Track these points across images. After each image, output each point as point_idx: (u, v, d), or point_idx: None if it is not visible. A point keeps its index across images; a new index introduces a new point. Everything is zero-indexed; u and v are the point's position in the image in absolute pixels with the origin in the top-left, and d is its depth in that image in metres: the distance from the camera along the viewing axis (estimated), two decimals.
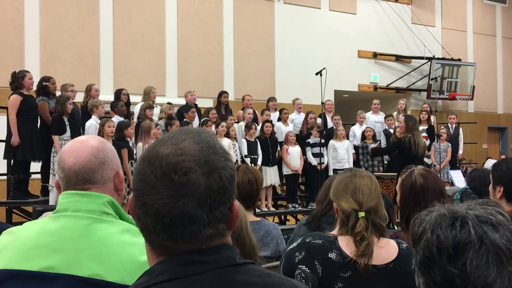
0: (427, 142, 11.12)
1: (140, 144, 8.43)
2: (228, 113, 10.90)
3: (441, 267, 1.14)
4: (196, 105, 10.77)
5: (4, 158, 8.47)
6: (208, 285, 1.07)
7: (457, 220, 1.16)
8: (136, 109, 9.91)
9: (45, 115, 8.52)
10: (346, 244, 2.23)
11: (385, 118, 11.87)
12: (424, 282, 1.19)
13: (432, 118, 12.50)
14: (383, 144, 11.38)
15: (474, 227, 1.13)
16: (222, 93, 11.36)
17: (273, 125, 10.47)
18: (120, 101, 9.57)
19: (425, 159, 10.34)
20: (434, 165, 11.28)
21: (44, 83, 8.72)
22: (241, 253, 1.17)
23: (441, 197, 2.65)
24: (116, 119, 8.94)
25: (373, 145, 10.94)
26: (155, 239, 1.10)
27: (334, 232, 2.33)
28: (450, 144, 11.84)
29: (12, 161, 8.46)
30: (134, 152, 8.77)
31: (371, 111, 12.26)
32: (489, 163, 12.51)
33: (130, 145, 8.66)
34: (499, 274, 1.10)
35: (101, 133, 7.91)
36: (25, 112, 8.18)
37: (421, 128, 11.06)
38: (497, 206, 1.18)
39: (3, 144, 8.52)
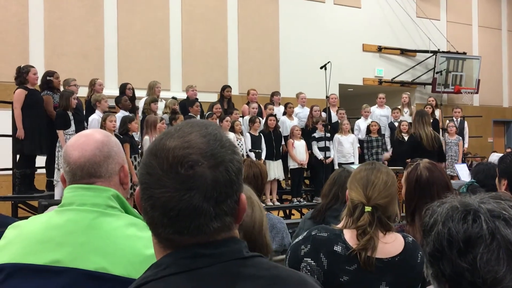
0: None
1: (146, 138, 8.43)
2: (230, 107, 10.89)
3: (451, 260, 1.13)
4: (197, 99, 10.75)
5: (13, 152, 8.51)
6: (215, 279, 1.06)
7: (469, 213, 1.15)
8: (140, 104, 9.93)
9: (49, 109, 8.54)
10: (351, 237, 2.23)
11: (392, 110, 11.86)
12: (432, 273, 1.18)
13: (438, 111, 12.48)
14: (387, 136, 11.38)
15: (487, 222, 1.12)
16: (225, 87, 11.32)
17: (277, 119, 10.47)
18: (124, 96, 9.57)
19: None
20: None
21: (48, 78, 8.75)
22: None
23: (447, 190, 2.63)
24: (122, 113, 8.96)
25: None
26: (162, 232, 1.09)
27: (340, 225, 2.33)
28: (460, 138, 11.82)
29: (18, 156, 8.49)
30: (139, 146, 8.78)
31: (377, 105, 12.24)
32: (493, 157, 12.46)
33: (136, 139, 8.66)
34: (509, 270, 1.09)
35: (103, 127, 7.91)
36: (31, 106, 8.20)
37: None
38: (510, 200, 1.17)
39: (9, 138, 8.55)
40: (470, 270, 1.10)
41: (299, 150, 10.36)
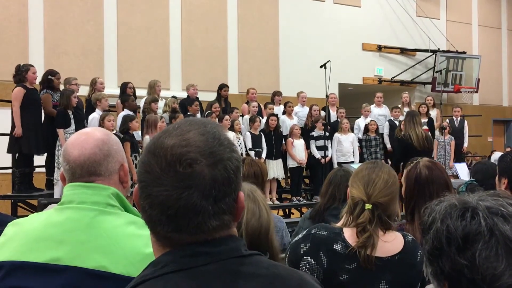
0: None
1: (147, 137, 8.42)
2: (227, 107, 10.88)
3: (450, 257, 1.13)
4: (197, 98, 10.74)
5: (8, 152, 8.49)
6: (213, 277, 1.06)
7: (467, 210, 1.15)
8: (141, 103, 9.92)
9: (47, 108, 8.53)
10: (350, 235, 2.23)
11: (392, 109, 11.87)
12: (432, 272, 1.19)
13: (435, 111, 12.50)
14: (386, 133, 11.38)
15: (485, 218, 1.12)
16: (223, 87, 11.26)
17: (278, 119, 10.47)
18: (131, 96, 9.58)
19: None
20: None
21: (49, 77, 8.73)
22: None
23: (446, 189, 2.63)
24: (125, 112, 8.96)
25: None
26: (160, 230, 1.09)
27: (340, 223, 2.33)
28: (453, 137, 11.83)
29: (17, 155, 8.48)
30: (140, 145, 8.78)
31: (374, 104, 12.25)
32: (495, 156, 12.49)
33: (136, 138, 8.66)
34: (508, 266, 1.09)
35: (101, 127, 7.90)
36: (29, 105, 8.19)
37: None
38: (508, 198, 1.17)
39: (7, 137, 8.54)
40: (469, 267, 1.11)
41: (298, 149, 10.35)
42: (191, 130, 1.10)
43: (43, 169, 8.98)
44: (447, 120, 12.61)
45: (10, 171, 8.87)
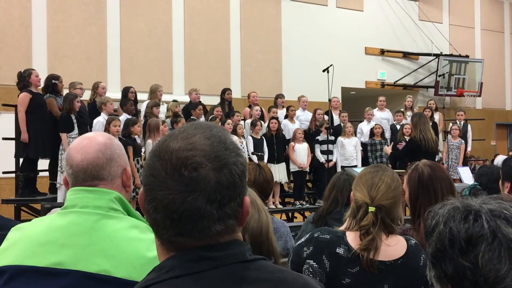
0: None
1: (149, 141, 8.44)
2: (231, 110, 10.89)
3: (453, 259, 1.14)
4: (200, 102, 10.75)
5: (15, 156, 8.51)
6: (218, 282, 1.06)
7: (470, 213, 1.15)
8: (142, 107, 9.92)
9: (55, 110, 8.54)
10: (353, 239, 2.23)
11: (394, 113, 11.85)
12: (435, 275, 1.19)
13: (438, 115, 12.48)
14: (388, 137, 11.35)
15: (488, 221, 1.12)
16: (226, 90, 11.30)
17: (279, 122, 10.45)
18: (130, 100, 9.58)
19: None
20: (443, 163, 11.20)
21: (53, 81, 8.75)
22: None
23: (450, 187, 2.63)
24: (124, 117, 8.96)
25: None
26: (165, 234, 1.09)
27: (343, 227, 2.33)
28: (463, 141, 11.79)
29: (22, 159, 8.49)
30: (142, 149, 8.79)
31: (377, 108, 12.25)
32: (499, 159, 12.43)
33: (137, 142, 8.67)
34: (511, 268, 1.09)
35: (107, 131, 7.91)
36: (35, 110, 8.20)
37: None
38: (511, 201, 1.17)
39: (13, 142, 8.55)
40: (472, 269, 1.11)
41: (300, 153, 10.34)
42: (197, 133, 1.10)
43: (47, 173, 8.99)
44: (451, 124, 12.56)
45: (13, 175, 8.88)
